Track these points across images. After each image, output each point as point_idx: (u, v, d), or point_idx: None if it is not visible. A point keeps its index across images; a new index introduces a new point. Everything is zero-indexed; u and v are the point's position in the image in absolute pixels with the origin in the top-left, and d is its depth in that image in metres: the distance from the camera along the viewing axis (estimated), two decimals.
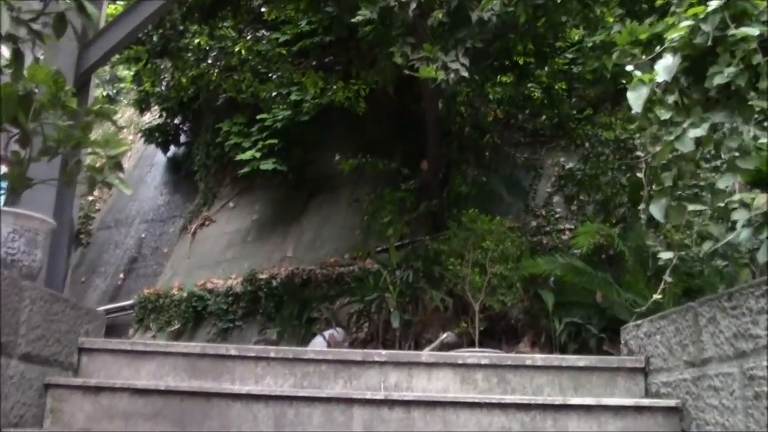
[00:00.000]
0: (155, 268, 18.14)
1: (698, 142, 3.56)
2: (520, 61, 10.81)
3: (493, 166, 11.98)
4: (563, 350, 8.71)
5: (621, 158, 11.59)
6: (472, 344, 8.88)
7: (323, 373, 4.64)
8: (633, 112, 3.83)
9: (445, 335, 9.39)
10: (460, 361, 4.66)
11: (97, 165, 5.39)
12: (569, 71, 11.58)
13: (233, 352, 4.70)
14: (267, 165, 15.48)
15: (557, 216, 13.48)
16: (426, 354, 5.11)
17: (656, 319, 4.22)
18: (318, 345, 10.17)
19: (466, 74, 7.57)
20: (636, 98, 3.77)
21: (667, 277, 4.15)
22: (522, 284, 8.99)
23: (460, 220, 9.77)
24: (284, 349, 4.84)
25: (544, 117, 12.24)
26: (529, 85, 11.79)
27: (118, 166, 5.02)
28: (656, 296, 4.21)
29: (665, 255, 4.22)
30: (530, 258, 9.50)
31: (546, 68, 11.47)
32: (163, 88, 15.20)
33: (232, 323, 14.76)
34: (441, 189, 11.25)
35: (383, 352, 5.03)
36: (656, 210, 3.90)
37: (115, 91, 15.84)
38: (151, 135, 19.55)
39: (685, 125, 3.52)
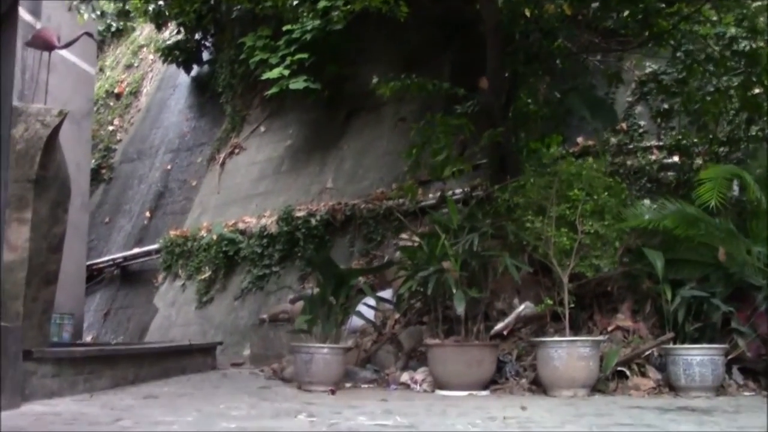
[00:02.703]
0: (183, 203, 16.34)
1: None
2: None
3: (569, 80, 9.70)
4: (678, 326, 6.63)
5: (726, 60, 9.22)
6: (556, 317, 6.86)
7: None
8: None
9: (522, 307, 7.39)
10: None
11: None
12: None
13: None
14: (297, 84, 13.39)
15: (641, 131, 11.23)
16: None
17: None
18: (358, 322, 8.25)
19: None
20: None
21: None
22: (620, 241, 6.88)
23: (537, 158, 7.68)
24: None
25: (627, 13, 9.82)
26: None
27: None
28: None
29: None
30: (621, 201, 7.30)
31: None
32: (161, 3, 13.03)
33: (268, 269, 13.03)
34: (505, 112, 9.05)
35: None
36: None
37: (99, 12, 13.63)
38: (170, 54, 17.39)
39: None
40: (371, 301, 8.22)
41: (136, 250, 16.10)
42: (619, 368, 6.55)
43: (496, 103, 8.89)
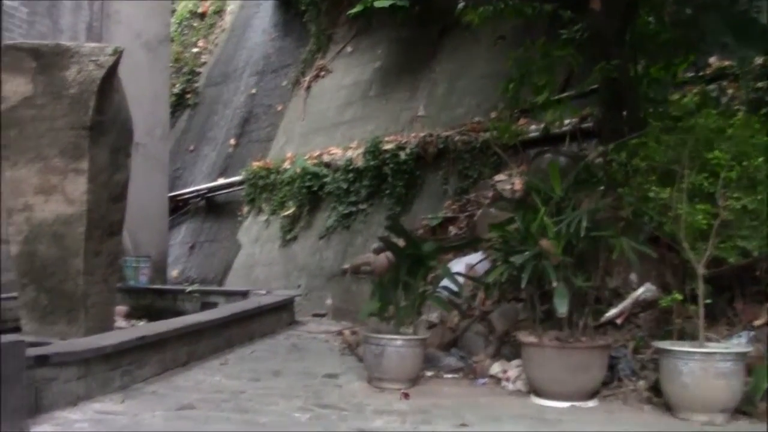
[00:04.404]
0: (268, 130, 15.31)
1: None
2: None
3: None
4: None
5: None
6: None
7: None
8: None
9: (641, 290, 5.99)
10: None
11: None
12: None
13: None
14: (383, 1, 12.00)
15: None
16: None
17: None
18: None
19: None
20: None
21: None
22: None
23: (663, 109, 6.16)
24: None
25: None
26: None
27: None
28: None
29: None
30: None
31: None
32: None
33: (354, 206, 11.90)
34: (621, 38, 7.42)
35: None
36: None
37: None
38: None
39: None
40: (458, 269, 7.04)
41: (220, 181, 15.28)
42: None
43: (611, 27, 7.30)
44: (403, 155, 11.30)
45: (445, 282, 6.08)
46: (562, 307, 5.06)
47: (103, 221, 8.27)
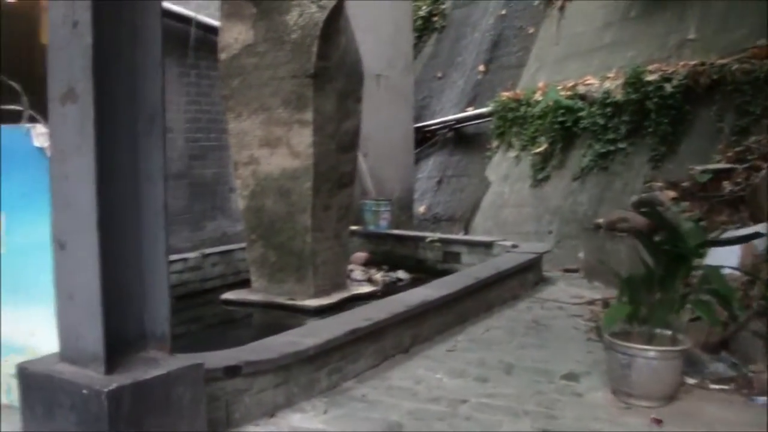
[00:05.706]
0: (519, 55, 14.18)
1: None
2: None
3: None
4: None
5: None
6: None
7: None
8: None
9: None
10: None
11: None
12: None
13: None
14: None
15: None
16: None
17: None
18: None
19: None
20: None
21: None
22: None
23: None
24: None
25: None
26: None
27: None
28: None
29: None
30: None
31: None
32: None
33: (612, 145, 10.66)
34: None
35: None
36: None
37: None
38: None
39: None
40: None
41: (469, 112, 14.40)
42: None
43: None
44: (668, 87, 9.83)
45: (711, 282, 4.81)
46: None
47: (332, 173, 7.79)
